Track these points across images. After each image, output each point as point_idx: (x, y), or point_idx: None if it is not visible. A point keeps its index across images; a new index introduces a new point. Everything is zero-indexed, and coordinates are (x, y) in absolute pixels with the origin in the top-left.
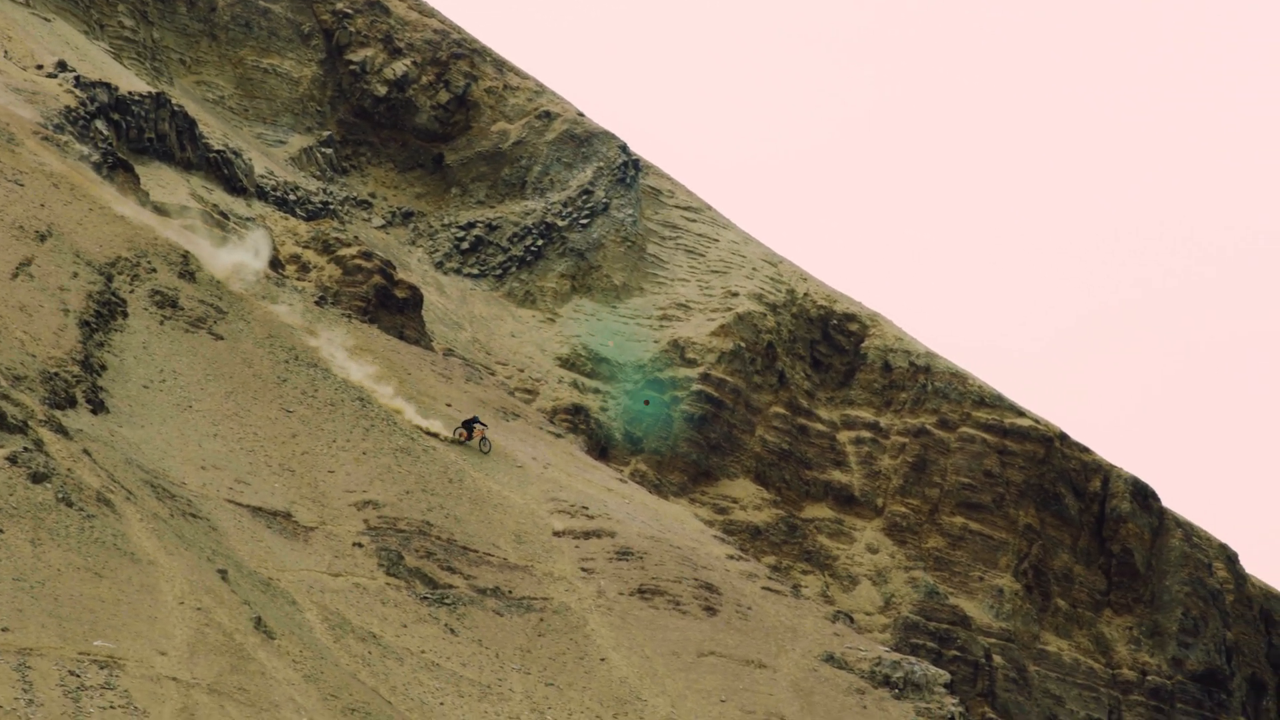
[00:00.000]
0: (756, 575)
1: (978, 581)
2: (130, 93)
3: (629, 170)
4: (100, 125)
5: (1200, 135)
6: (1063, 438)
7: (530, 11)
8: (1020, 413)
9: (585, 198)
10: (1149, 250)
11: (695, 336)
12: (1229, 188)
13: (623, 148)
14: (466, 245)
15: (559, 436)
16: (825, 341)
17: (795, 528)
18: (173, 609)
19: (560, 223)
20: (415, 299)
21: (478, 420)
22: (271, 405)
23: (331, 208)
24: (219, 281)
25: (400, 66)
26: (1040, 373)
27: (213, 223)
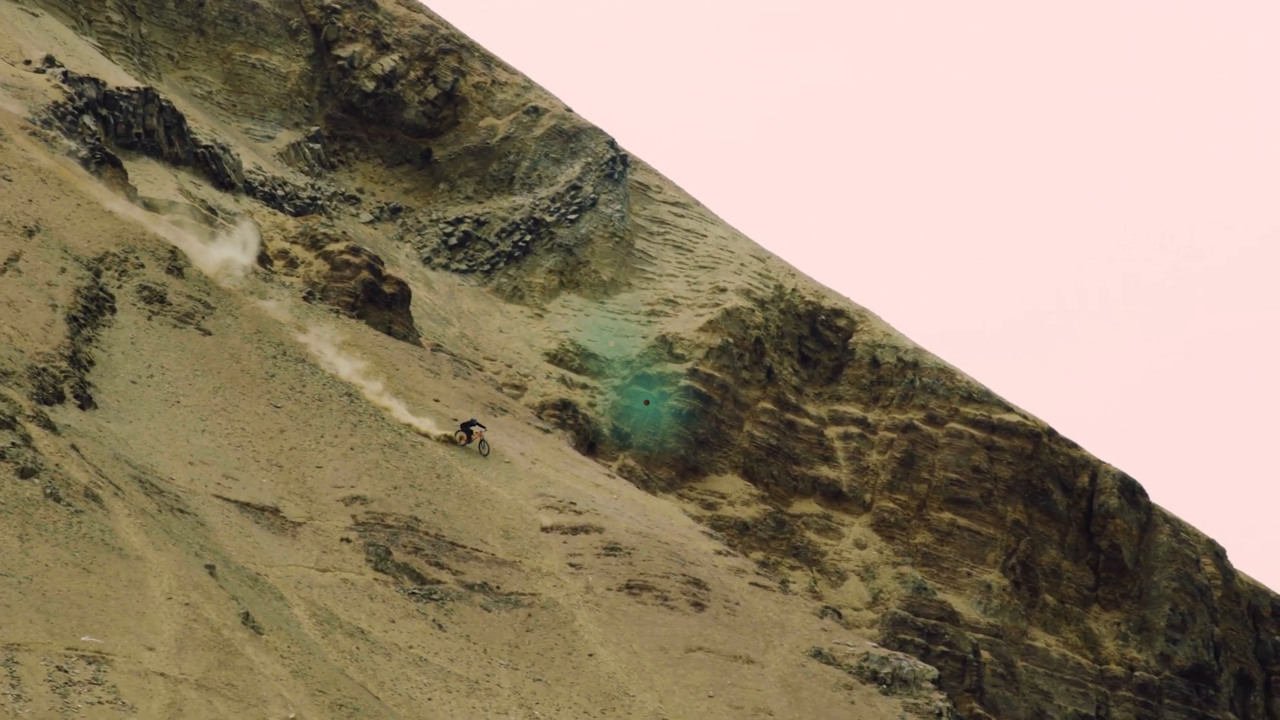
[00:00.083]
0: (744, 571)
1: (966, 577)
2: (118, 88)
3: (617, 166)
4: (88, 120)
5: (1191, 131)
6: (1051, 433)
7: (518, 7)
8: (1008, 408)
9: (573, 193)
10: (1137, 246)
11: (683, 332)
12: (1219, 184)
13: (611, 143)
14: (454, 241)
15: (547, 432)
16: (813, 337)
17: (783, 523)
18: (161, 604)
19: (548, 218)
20: (403, 294)
21: (476, 422)
22: (259, 400)
23: (319, 203)
24: (207, 277)
25: (388, 62)
26: (1028, 368)
27: (201, 218)
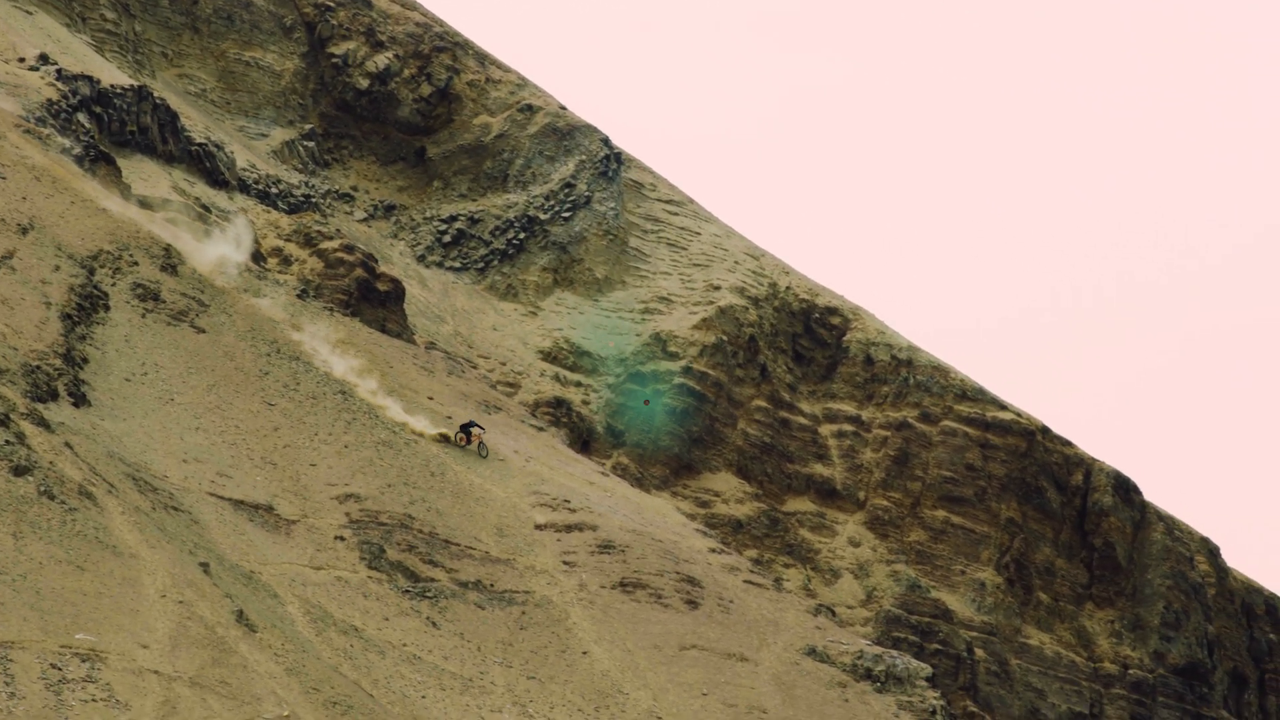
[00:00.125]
0: (738, 569)
1: (960, 575)
2: (112, 86)
3: (611, 163)
4: (82, 118)
5: (1187, 130)
6: (1045, 431)
7: (512, 5)
8: (1002, 406)
9: (567, 191)
10: (1131, 244)
11: (677, 330)
12: (1213, 182)
13: (605, 141)
14: (448, 238)
15: (541, 430)
16: (807, 335)
17: (777, 521)
18: (155, 602)
19: (542, 216)
20: (397, 292)
21: (475, 424)
22: (253, 398)
23: (313, 201)
24: (201, 275)
25: (382, 60)
26: (1023, 366)
27: (195, 216)
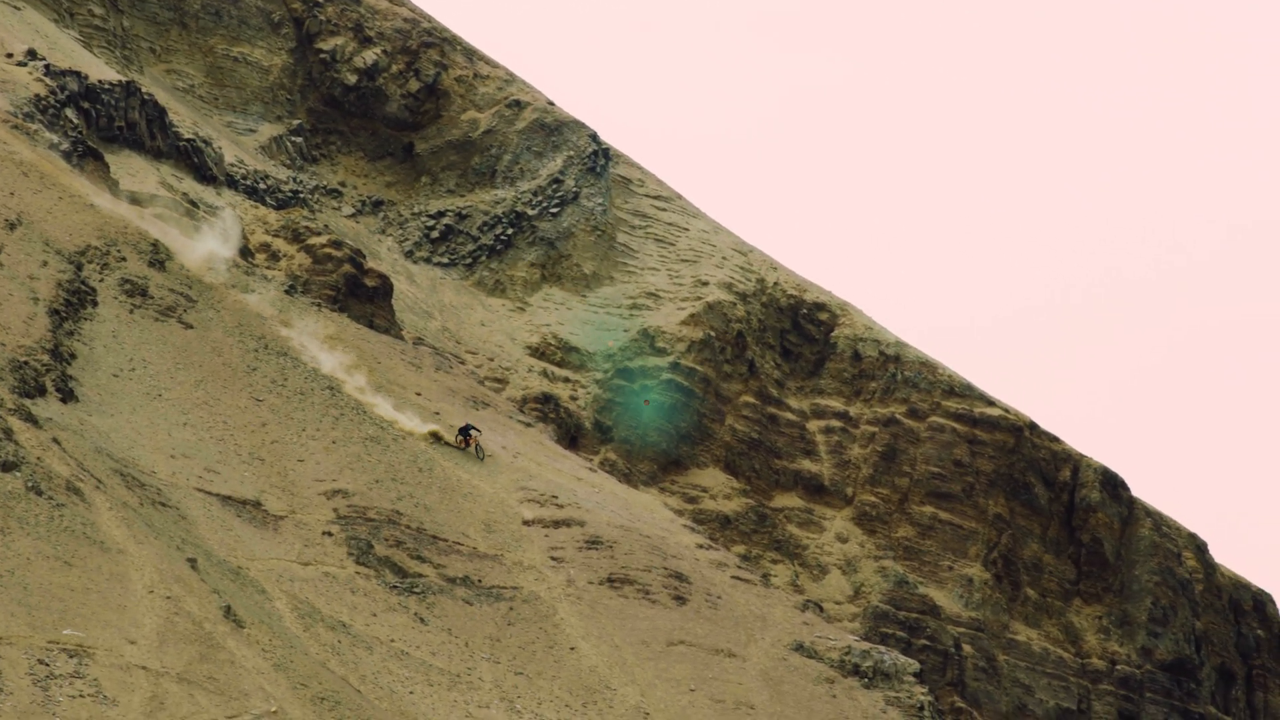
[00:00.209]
0: (726, 564)
1: (947, 571)
2: (100, 81)
3: (599, 159)
4: (70, 114)
5: (1176, 126)
6: (1032, 427)
7: (501, 1)
8: (990, 402)
9: (555, 187)
10: (1119, 240)
11: (665, 326)
12: (1202, 179)
13: (593, 136)
14: (436, 234)
15: (529, 425)
16: (795, 331)
17: (765, 517)
18: (142, 598)
19: (530, 212)
20: (385, 288)
21: (472, 427)
22: (241, 394)
23: (301, 196)
24: (189, 270)
25: (370, 55)
26: (1011, 363)
27: (183, 211)
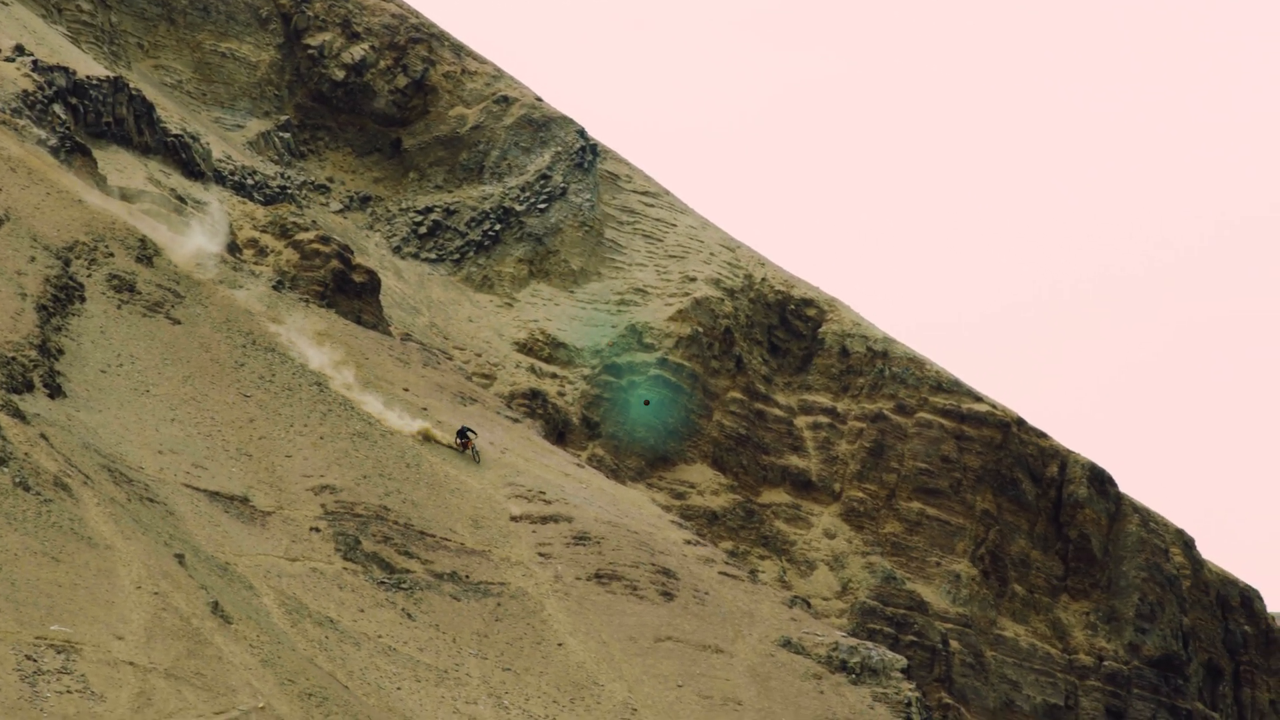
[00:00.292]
0: (714, 560)
1: (935, 567)
2: (88, 77)
3: (587, 155)
4: (58, 109)
5: (1165, 122)
6: (1020, 423)
7: None
8: (978, 398)
9: (543, 182)
10: (1107, 236)
11: (653, 321)
12: (1189, 176)
13: (580, 132)
14: (424, 230)
15: (516, 421)
16: (783, 326)
17: (752, 513)
18: (130, 593)
19: (518, 207)
20: (373, 283)
21: (469, 430)
22: (229, 390)
23: (289, 192)
24: (176, 266)
25: (358, 51)
26: (998, 358)
27: (171, 207)
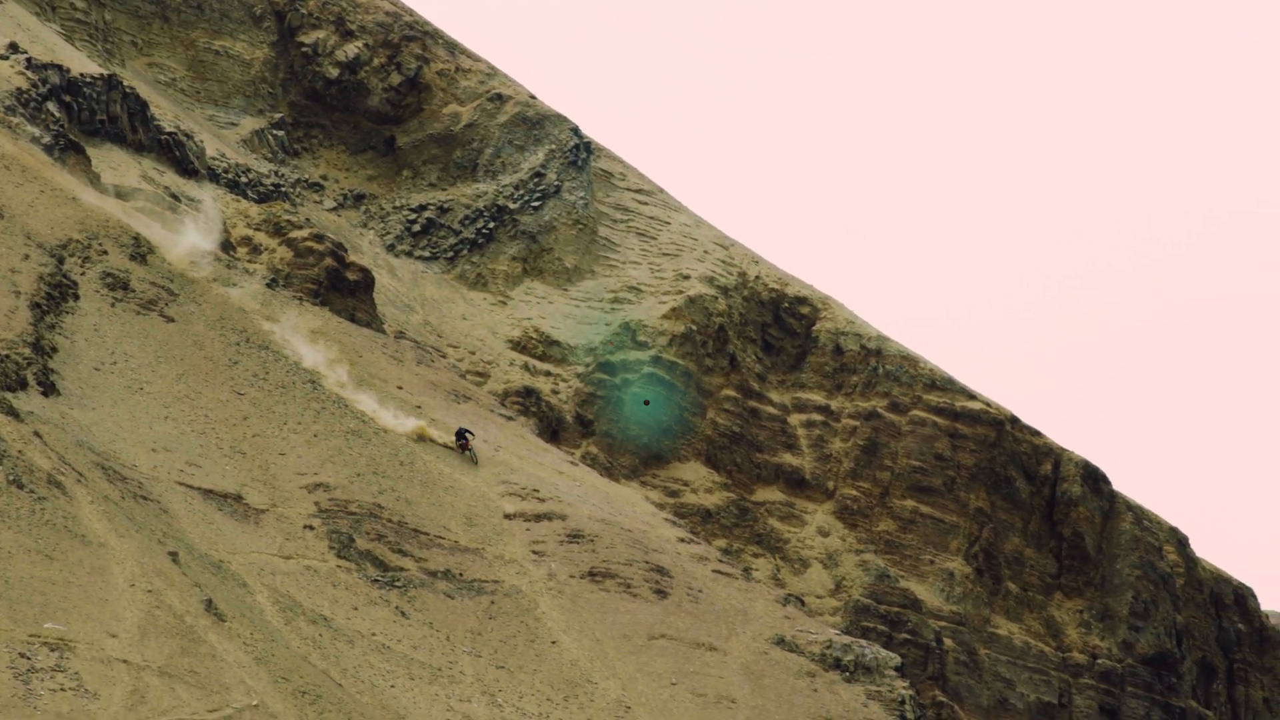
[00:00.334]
0: (707, 558)
1: (929, 565)
2: (82, 75)
3: (581, 153)
4: (52, 107)
5: (1152, 118)
6: (1014, 421)
7: None
8: (971, 396)
9: (537, 180)
10: (1095, 233)
11: (647, 319)
12: (1177, 172)
13: (574, 130)
14: (418, 228)
15: (510, 419)
16: (777, 324)
17: (746, 511)
18: (123, 591)
19: (512, 205)
20: (366, 281)
21: (467, 432)
22: (223, 387)
23: (283, 190)
24: (170, 264)
25: (352, 49)
26: (992, 356)
27: (164, 205)
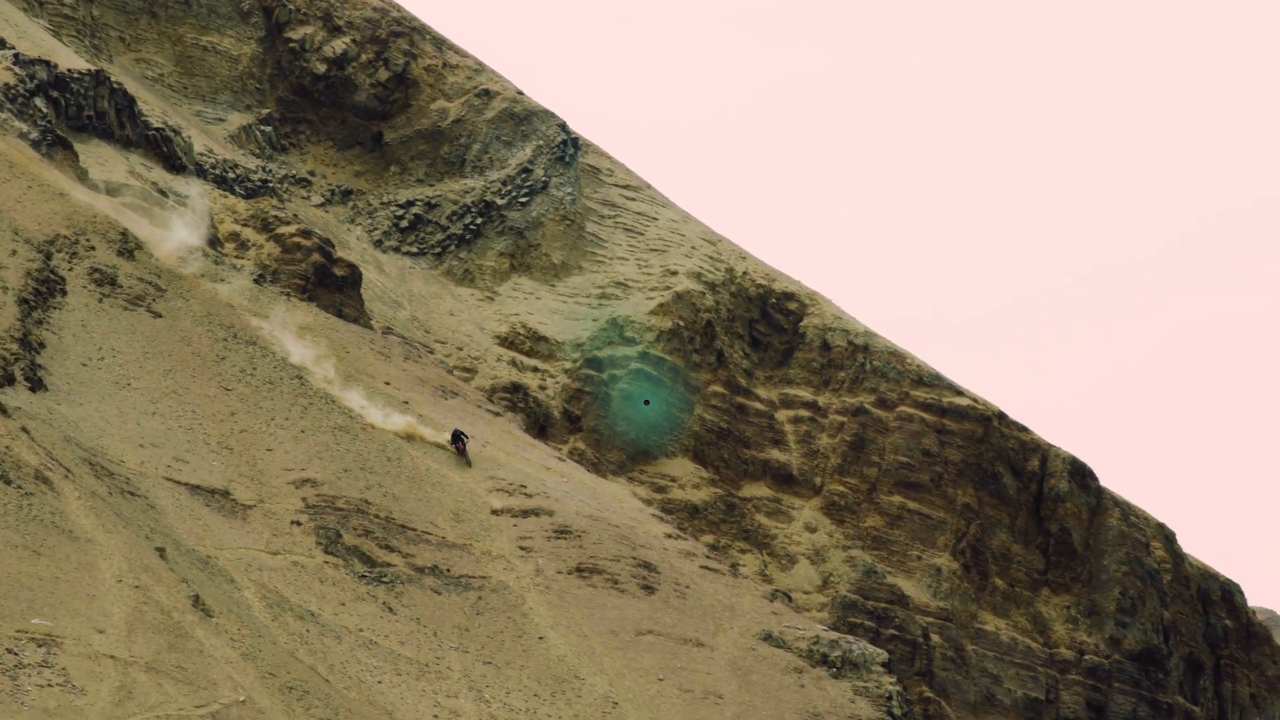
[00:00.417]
0: (694, 554)
1: (916, 560)
2: (69, 70)
3: (568, 149)
4: (39, 103)
5: (1149, 117)
6: (1001, 417)
7: None
8: (959, 392)
9: (524, 176)
10: (1088, 231)
11: (634, 315)
12: (1170, 171)
13: (562, 126)
14: (405, 223)
15: (497, 415)
16: (764, 320)
17: (733, 506)
18: (111, 587)
19: (499, 201)
20: (354, 277)
21: (462, 434)
22: (210, 383)
23: (270, 185)
24: (158, 259)
25: (339, 44)
26: (980, 352)
27: (152, 201)
